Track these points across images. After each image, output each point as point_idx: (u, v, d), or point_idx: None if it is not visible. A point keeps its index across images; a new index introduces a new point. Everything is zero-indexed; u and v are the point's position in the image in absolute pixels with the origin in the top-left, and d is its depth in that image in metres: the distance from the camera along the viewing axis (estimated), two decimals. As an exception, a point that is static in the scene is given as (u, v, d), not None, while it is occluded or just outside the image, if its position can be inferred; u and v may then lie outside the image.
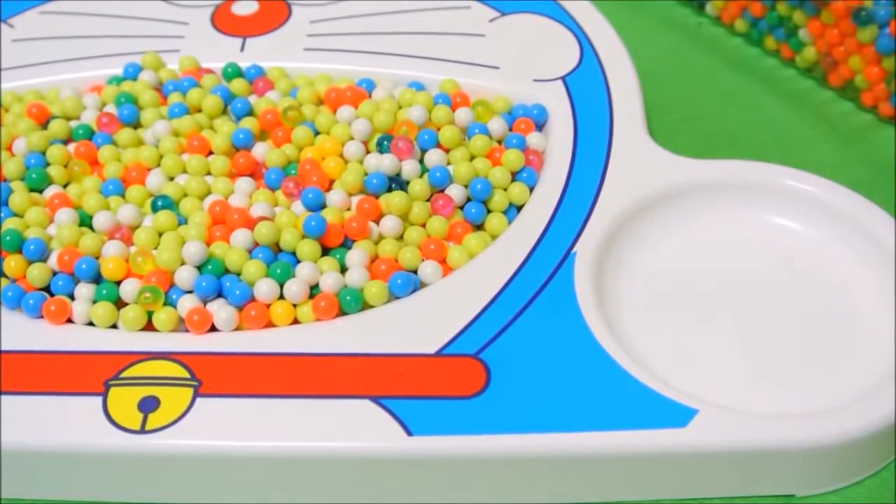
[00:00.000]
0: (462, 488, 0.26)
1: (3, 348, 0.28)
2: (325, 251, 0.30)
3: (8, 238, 0.30)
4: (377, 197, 0.31)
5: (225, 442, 0.26)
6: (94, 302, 0.29)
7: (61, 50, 0.38)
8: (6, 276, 0.30)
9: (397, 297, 0.29)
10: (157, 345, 0.28)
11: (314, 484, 0.27)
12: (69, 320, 0.29)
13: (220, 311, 0.29)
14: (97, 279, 0.30)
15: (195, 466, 0.26)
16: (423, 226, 0.31)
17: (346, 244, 0.31)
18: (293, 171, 0.32)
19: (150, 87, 0.36)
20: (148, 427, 0.26)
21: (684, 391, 0.27)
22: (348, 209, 0.31)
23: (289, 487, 0.27)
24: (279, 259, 0.30)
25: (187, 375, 0.27)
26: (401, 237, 0.31)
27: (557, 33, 0.38)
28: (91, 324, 0.29)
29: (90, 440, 0.26)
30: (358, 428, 0.26)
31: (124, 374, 0.27)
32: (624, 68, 0.36)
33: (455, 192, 0.32)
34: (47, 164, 0.33)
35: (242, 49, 0.38)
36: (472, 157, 0.33)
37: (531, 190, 0.32)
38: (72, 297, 0.30)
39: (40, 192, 0.33)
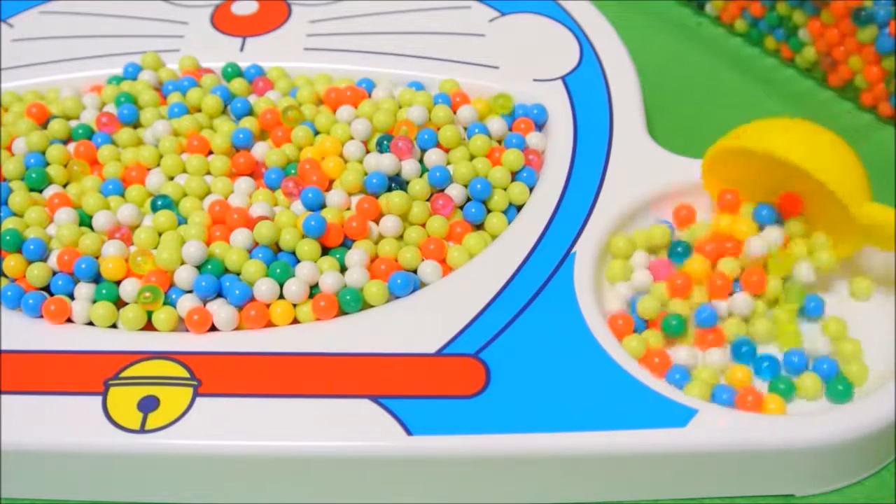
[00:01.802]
0: (462, 488, 0.26)
1: (3, 348, 0.28)
2: (325, 251, 0.30)
3: (8, 238, 0.30)
4: (377, 197, 0.31)
5: (225, 442, 0.26)
6: (94, 302, 0.29)
7: (61, 50, 0.38)
8: (6, 276, 0.30)
9: (397, 297, 0.29)
10: (156, 344, 0.28)
11: (314, 483, 0.27)
12: (69, 320, 0.29)
13: (220, 310, 0.29)
14: (97, 279, 0.30)
15: (195, 466, 0.26)
16: (423, 225, 0.31)
17: (346, 244, 0.31)
18: (293, 171, 0.32)
19: (150, 87, 0.36)
20: (148, 427, 0.26)
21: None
22: (348, 209, 0.31)
23: (289, 487, 0.27)
24: (279, 259, 0.30)
25: (187, 375, 0.27)
26: (400, 237, 0.31)
27: (557, 33, 0.38)
28: (91, 323, 0.29)
29: (90, 440, 0.26)
30: (358, 428, 0.26)
31: (124, 374, 0.27)
32: (624, 68, 0.36)
33: (455, 191, 0.32)
34: (47, 164, 0.33)
35: (242, 49, 0.38)
36: (471, 157, 0.33)
37: (531, 190, 0.32)
38: (72, 297, 0.30)
39: (40, 191, 0.33)
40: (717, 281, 0.29)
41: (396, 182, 0.32)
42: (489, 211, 0.32)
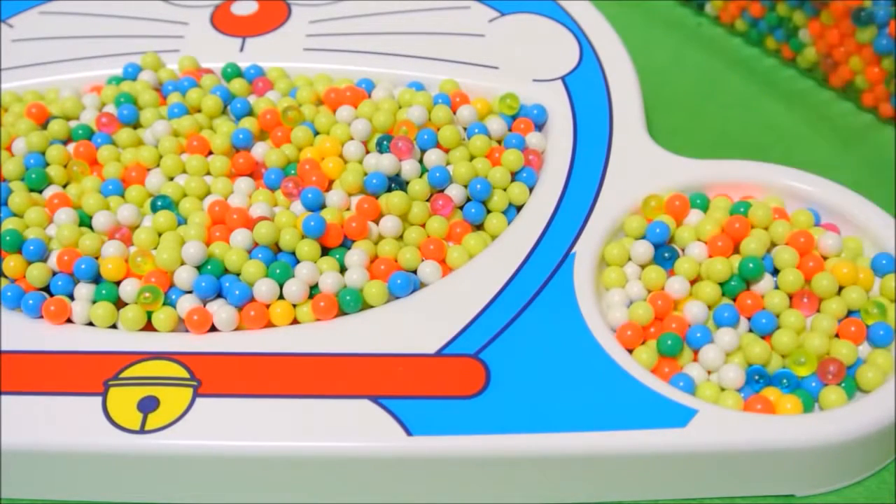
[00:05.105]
0: (462, 488, 0.26)
1: (3, 348, 0.28)
2: (325, 251, 0.30)
3: (8, 238, 0.30)
4: (377, 197, 0.31)
5: (225, 442, 0.26)
6: (94, 302, 0.29)
7: (61, 50, 0.38)
8: (6, 277, 0.30)
9: (397, 297, 0.29)
10: (156, 345, 0.28)
11: (314, 484, 0.27)
12: (69, 320, 0.29)
13: (220, 311, 0.29)
14: (97, 279, 0.30)
15: (195, 466, 0.26)
16: (423, 226, 0.31)
17: (346, 244, 0.31)
18: (293, 171, 0.32)
19: (150, 88, 0.36)
20: (147, 427, 0.26)
21: (684, 391, 0.27)
22: (348, 209, 0.31)
23: (289, 487, 0.27)
24: (279, 259, 0.30)
25: (187, 375, 0.27)
26: (400, 237, 0.31)
27: (557, 33, 0.38)
28: (91, 324, 0.29)
29: (90, 440, 0.26)
30: (358, 428, 0.26)
31: (124, 375, 0.27)
32: (624, 68, 0.36)
33: (455, 192, 0.32)
34: (47, 165, 0.33)
35: (242, 49, 0.38)
36: (471, 157, 0.33)
37: (531, 190, 0.32)
38: (71, 297, 0.30)
39: (40, 192, 0.33)
40: (693, 308, 0.29)
41: (396, 182, 0.32)
42: (489, 211, 0.32)
